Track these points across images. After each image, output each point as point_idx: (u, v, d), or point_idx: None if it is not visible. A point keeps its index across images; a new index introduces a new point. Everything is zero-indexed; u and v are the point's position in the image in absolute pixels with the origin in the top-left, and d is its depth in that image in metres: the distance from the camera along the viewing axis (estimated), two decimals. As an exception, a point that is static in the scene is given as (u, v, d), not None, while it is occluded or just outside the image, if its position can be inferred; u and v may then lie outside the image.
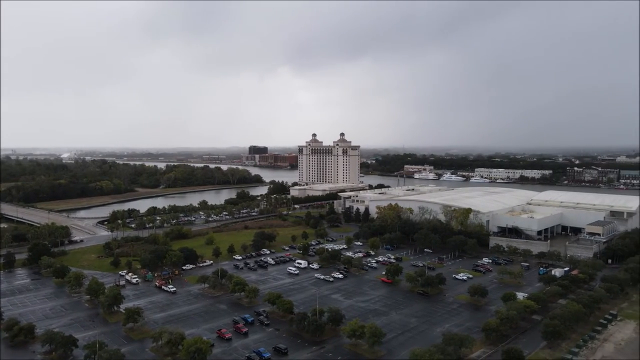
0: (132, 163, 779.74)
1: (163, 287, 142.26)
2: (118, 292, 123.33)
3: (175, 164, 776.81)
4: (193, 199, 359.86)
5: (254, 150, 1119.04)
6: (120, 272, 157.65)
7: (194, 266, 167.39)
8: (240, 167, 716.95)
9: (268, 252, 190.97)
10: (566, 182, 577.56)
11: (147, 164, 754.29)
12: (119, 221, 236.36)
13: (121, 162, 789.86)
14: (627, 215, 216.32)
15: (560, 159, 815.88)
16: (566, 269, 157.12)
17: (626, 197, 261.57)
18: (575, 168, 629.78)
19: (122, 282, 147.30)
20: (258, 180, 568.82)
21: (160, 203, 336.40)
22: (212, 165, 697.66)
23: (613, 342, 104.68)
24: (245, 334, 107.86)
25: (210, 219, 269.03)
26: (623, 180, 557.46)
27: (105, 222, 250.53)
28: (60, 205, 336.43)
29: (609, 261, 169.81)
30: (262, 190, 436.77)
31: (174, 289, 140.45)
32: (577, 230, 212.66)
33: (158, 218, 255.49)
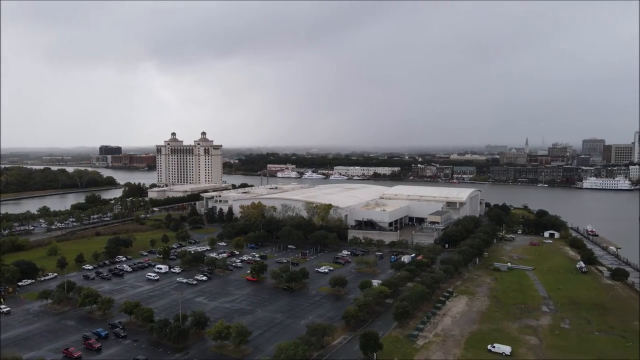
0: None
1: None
2: None
3: (7, 166, 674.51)
4: (31, 206, 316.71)
5: (106, 150, 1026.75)
6: None
7: (33, 281, 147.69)
8: (89, 169, 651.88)
9: (124, 258, 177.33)
10: (412, 177, 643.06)
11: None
12: None
13: None
14: (459, 205, 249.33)
15: (407, 157, 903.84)
16: (413, 255, 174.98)
17: (458, 189, 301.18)
18: (419, 165, 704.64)
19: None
20: (111, 183, 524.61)
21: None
22: (54, 168, 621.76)
23: (450, 315, 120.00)
24: (99, 350, 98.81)
25: (53, 227, 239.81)
26: (456, 175, 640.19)
27: None
28: None
29: (446, 245, 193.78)
30: (117, 193, 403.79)
31: (8, 308, 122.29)
32: (421, 220, 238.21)
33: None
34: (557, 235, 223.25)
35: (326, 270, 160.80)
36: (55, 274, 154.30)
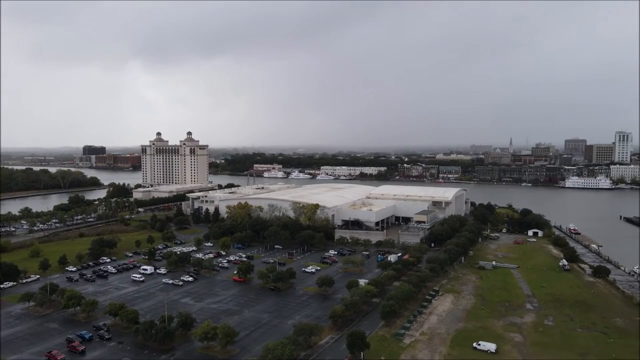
0: None
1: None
2: None
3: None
4: (13, 207, 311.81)
5: (90, 150, 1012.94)
6: None
7: (15, 283, 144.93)
8: (73, 170, 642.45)
9: (108, 260, 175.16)
10: (398, 177, 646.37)
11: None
12: None
13: None
14: (445, 205, 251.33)
15: (393, 157, 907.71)
16: (399, 254, 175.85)
17: (444, 188, 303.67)
18: (405, 165, 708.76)
19: None
20: (95, 183, 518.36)
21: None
22: (36, 168, 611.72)
23: (436, 314, 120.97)
24: (83, 353, 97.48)
25: (35, 228, 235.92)
26: (442, 175, 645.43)
27: None
28: None
29: (432, 245, 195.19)
30: (101, 194, 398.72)
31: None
32: (407, 220, 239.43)
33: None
34: (540, 233, 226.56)
35: (313, 270, 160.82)
36: (38, 276, 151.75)
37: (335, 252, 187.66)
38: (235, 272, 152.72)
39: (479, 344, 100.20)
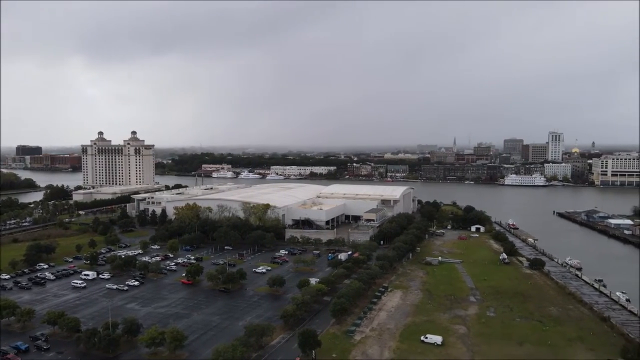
0: None
1: None
2: None
3: None
4: None
5: (24, 150, 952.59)
6: None
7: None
8: (5, 171, 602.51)
9: (46, 266, 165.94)
10: (347, 176, 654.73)
11: None
12: None
13: None
14: (393, 203, 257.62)
15: (342, 156, 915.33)
16: (349, 252, 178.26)
17: (392, 187, 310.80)
18: (354, 164, 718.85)
19: None
20: (30, 185, 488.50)
21: None
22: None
23: (386, 310, 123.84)
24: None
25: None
26: (390, 174, 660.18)
27: None
28: None
29: (381, 242, 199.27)
30: (37, 197, 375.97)
31: None
32: (357, 218, 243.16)
33: None
34: (482, 229, 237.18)
35: (264, 270, 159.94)
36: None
37: (286, 252, 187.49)
38: (184, 274, 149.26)
39: (426, 337, 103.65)
